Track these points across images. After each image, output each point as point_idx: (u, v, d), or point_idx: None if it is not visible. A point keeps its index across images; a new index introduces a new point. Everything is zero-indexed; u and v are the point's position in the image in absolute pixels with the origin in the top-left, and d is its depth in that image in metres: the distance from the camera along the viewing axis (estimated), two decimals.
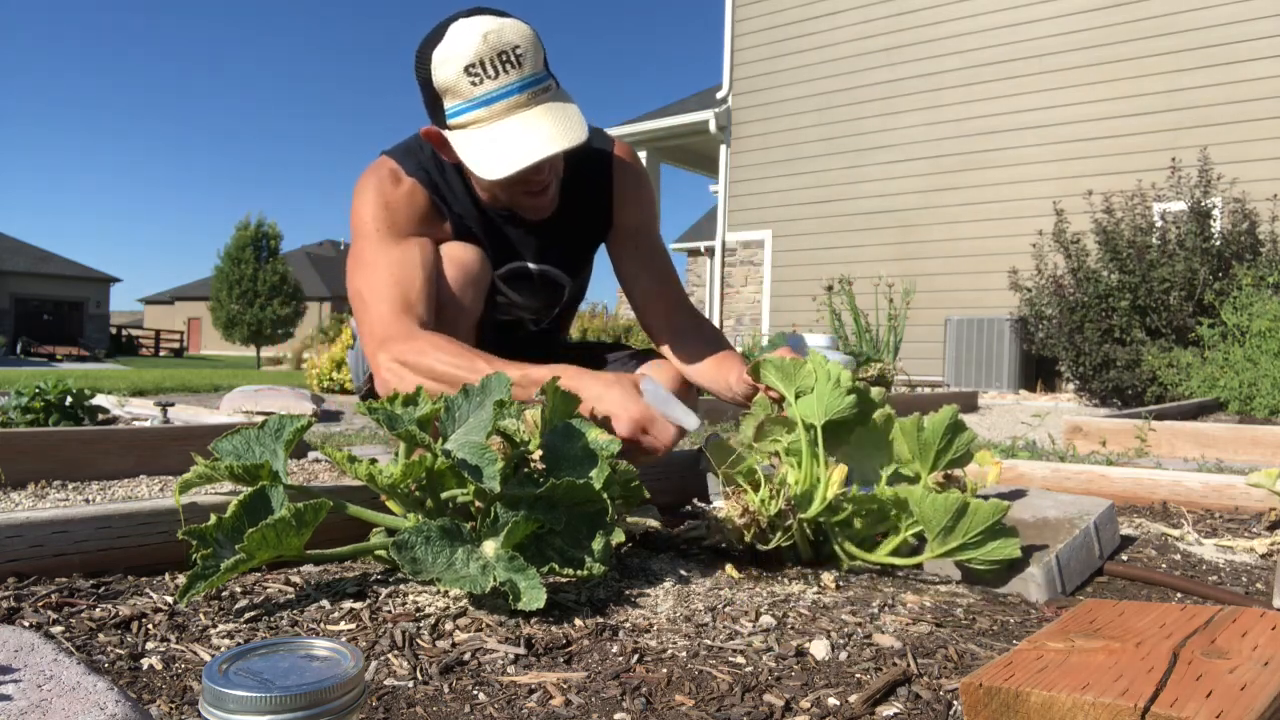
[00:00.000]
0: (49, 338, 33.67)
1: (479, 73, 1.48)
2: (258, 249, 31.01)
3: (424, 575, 0.98)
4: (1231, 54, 8.01)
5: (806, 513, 1.25)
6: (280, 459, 1.16)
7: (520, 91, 1.49)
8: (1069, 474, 2.01)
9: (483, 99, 1.49)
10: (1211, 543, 1.56)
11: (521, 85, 1.49)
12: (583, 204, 1.79)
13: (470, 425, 1.17)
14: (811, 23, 10.49)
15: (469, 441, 1.12)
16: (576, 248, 1.83)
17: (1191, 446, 3.16)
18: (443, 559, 1.00)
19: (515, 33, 1.49)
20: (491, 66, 1.47)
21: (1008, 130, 9.14)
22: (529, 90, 1.49)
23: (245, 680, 0.49)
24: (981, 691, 0.69)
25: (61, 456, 2.03)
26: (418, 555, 0.99)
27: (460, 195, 1.70)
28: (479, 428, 1.15)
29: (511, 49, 1.48)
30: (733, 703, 0.79)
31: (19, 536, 1.05)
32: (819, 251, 10.32)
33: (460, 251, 1.67)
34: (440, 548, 1.01)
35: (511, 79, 1.48)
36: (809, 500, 1.25)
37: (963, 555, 1.18)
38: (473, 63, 1.47)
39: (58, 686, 0.64)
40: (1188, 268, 6.63)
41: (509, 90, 1.48)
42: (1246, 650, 0.74)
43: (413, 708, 0.76)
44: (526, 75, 1.49)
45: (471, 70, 1.47)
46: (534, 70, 1.50)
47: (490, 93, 1.48)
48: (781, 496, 1.24)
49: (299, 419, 1.20)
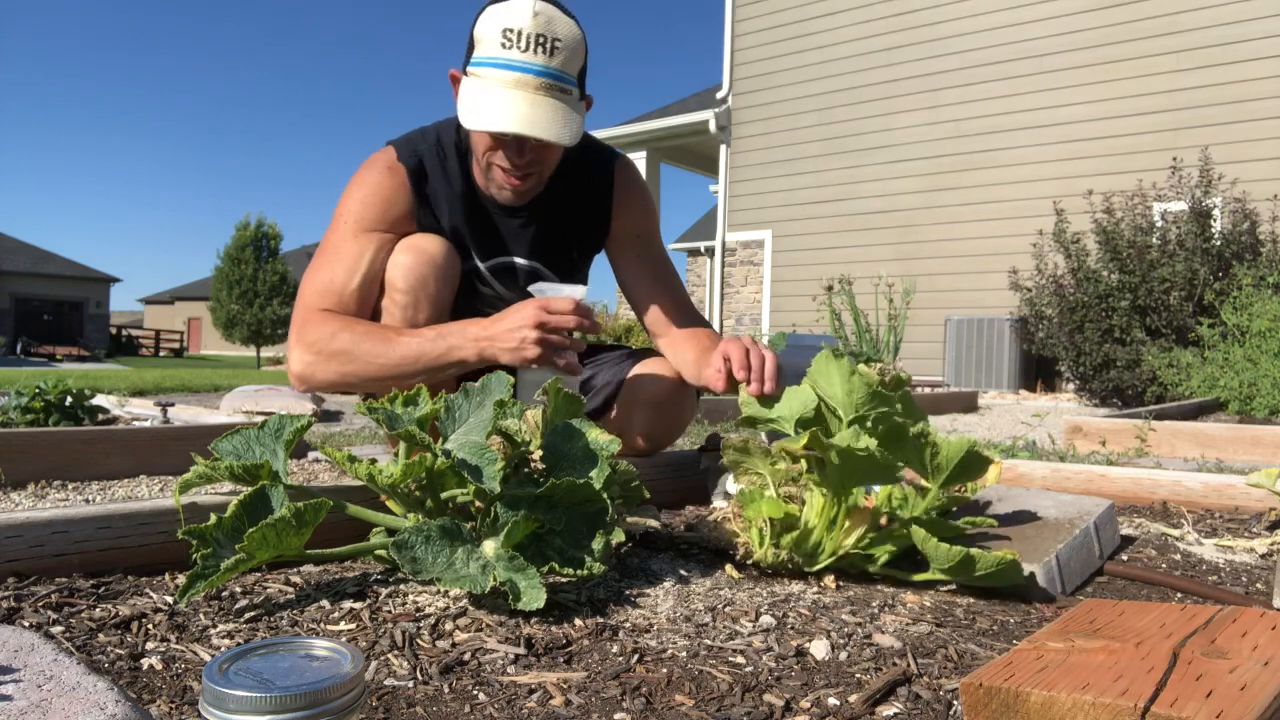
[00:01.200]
0: (49, 338, 33.65)
1: (512, 39, 1.53)
2: (258, 249, 30.99)
3: (424, 575, 0.98)
4: (1231, 54, 8.01)
5: (813, 566, 1.22)
6: (280, 458, 1.16)
7: (536, 75, 1.53)
8: (1069, 474, 2.01)
9: (501, 62, 1.54)
10: (1211, 543, 1.56)
11: (540, 71, 1.54)
12: (580, 206, 1.81)
13: (470, 425, 1.17)
14: (811, 23, 10.48)
15: (469, 442, 1.12)
16: (569, 249, 1.84)
17: (1191, 446, 3.16)
18: (443, 559, 1.00)
19: (564, 28, 1.55)
20: (526, 41, 1.53)
21: (1007, 130, 9.13)
22: (544, 79, 1.54)
23: (245, 680, 0.49)
24: (981, 691, 0.69)
25: (61, 456, 2.03)
26: (418, 555, 0.99)
27: (457, 180, 1.74)
28: (479, 428, 1.15)
29: (553, 38, 1.53)
30: (733, 703, 0.79)
31: (19, 536, 1.05)
32: (819, 251, 10.31)
33: (425, 242, 1.70)
34: (440, 547, 1.01)
35: (537, 60, 1.53)
36: (817, 551, 1.22)
37: (966, 583, 1.18)
38: (513, 28, 1.53)
39: (58, 686, 0.64)
40: (1188, 268, 6.63)
41: (527, 68, 1.53)
42: (1246, 650, 0.74)
43: (413, 708, 0.76)
44: (551, 67, 1.54)
45: (508, 34, 1.53)
46: (562, 68, 1.55)
47: (511, 61, 1.54)
48: (785, 547, 1.22)
49: (299, 419, 1.20)
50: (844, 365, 1.22)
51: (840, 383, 1.23)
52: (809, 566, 1.22)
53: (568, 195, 1.78)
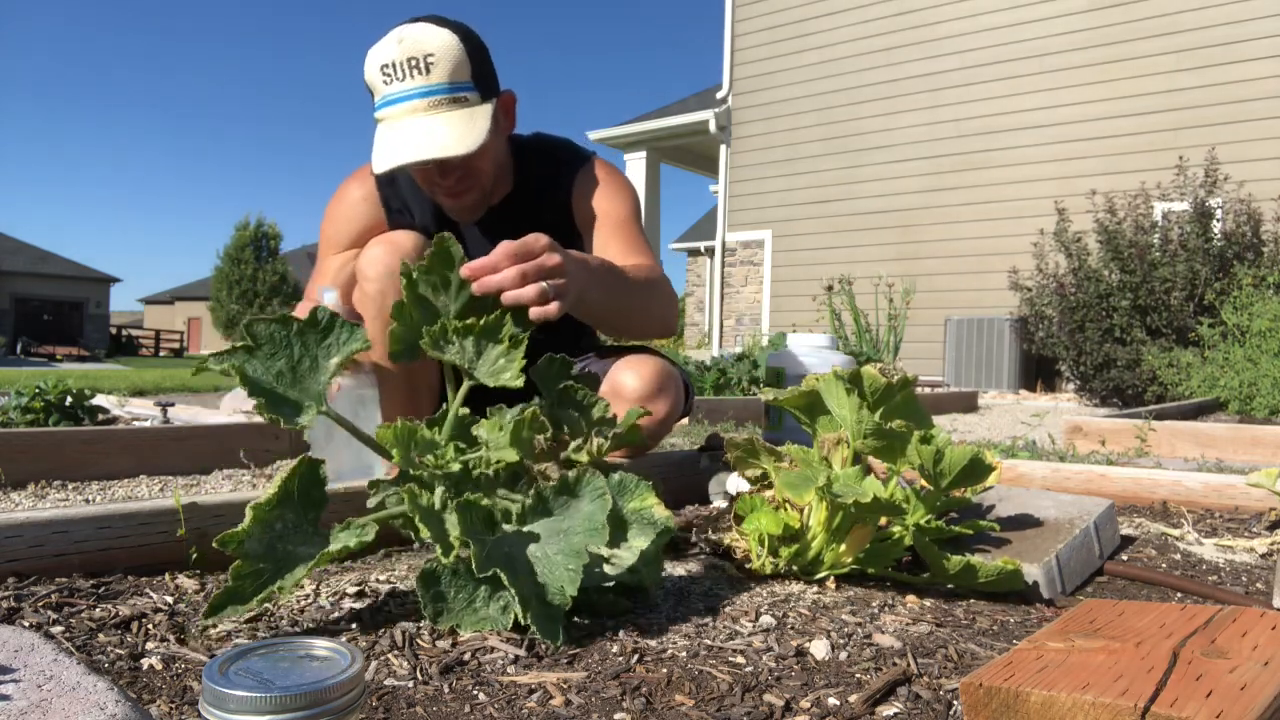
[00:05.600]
0: (49, 338, 33.63)
1: (390, 74, 1.57)
2: (258, 249, 31.01)
3: (445, 620, 0.93)
4: (1231, 54, 8.01)
5: (812, 576, 1.22)
6: (321, 389, 1.01)
7: (420, 98, 1.56)
8: (1069, 474, 2.01)
9: (389, 99, 1.58)
10: (1211, 542, 1.56)
11: (423, 92, 1.56)
12: (544, 206, 1.82)
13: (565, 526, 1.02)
14: (811, 23, 10.49)
15: (567, 546, 0.99)
16: None
17: (1191, 446, 3.16)
18: (463, 596, 0.95)
19: (436, 41, 1.56)
20: (400, 69, 1.56)
21: (1007, 130, 9.14)
22: (430, 98, 1.56)
23: (245, 680, 0.49)
24: (981, 691, 0.69)
25: (61, 456, 2.03)
26: (444, 592, 0.94)
27: (424, 194, 1.79)
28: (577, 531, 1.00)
29: (424, 56, 1.55)
30: (733, 703, 0.79)
31: (19, 536, 1.05)
32: (819, 251, 10.32)
33: (397, 235, 1.73)
34: (465, 582, 0.95)
35: (416, 84, 1.56)
36: (817, 563, 1.21)
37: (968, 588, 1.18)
38: (386, 63, 1.57)
39: (58, 686, 0.64)
40: (1189, 268, 6.63)
41: (409, 95, 1.56)
42: (1246, 650, 0.74)
43: (413, 708, 0.76)
44: (432, 83, 1.56)
45: (385, 70, 1.57)
46: (443, 80, 1.56)
47: (391, 96, 1.58)
48: (784, 558, 1.21)
49: (355, 330, 1.06)
50: (854, 400, 1.21)
51: (850, 411, 1.21)
52: (808, 576, 1.22)
53: (532, 198, 1.80)
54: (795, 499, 1.13)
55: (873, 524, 1.19)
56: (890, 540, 1.20)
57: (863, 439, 1.20)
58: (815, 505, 1.20)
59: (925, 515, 1.19)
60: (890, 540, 1.20)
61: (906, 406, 1.24)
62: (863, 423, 1.20)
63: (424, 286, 1.16)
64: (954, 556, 1.11)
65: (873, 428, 1.19)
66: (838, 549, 1.19)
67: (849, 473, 1.14)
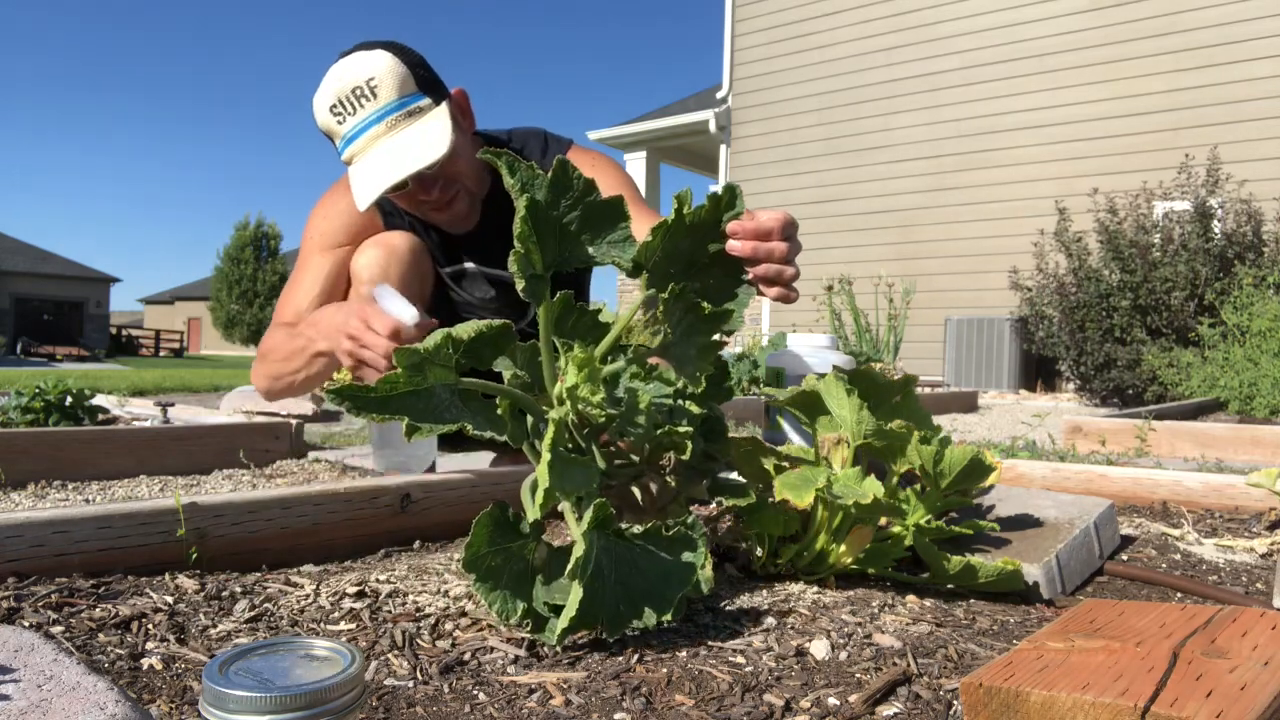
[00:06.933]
0: (49, 338, 33.65)
1: (341, 111, 1.57)
2: (257, 249, 31.01)
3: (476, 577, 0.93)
4: (1232, 54, 8.01)
5: (812, 576, 1.21)
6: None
7: (378, 122, 1.56)
8: (1069, 474, 2.01)
9: (348, 137, 1.58)
10: (1211, 542, 1.56)
11: (378, 116, 1.56)
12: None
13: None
14: (811, 23, 10.49)
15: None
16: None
17: (1191, 446, 3.16)
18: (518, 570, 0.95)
19: (367, 66, 1.56)
20: (349, 104, 1.56)
21: (1007, 130, 9.14)
22: (386, 119, 1.56)
23: (245, 680, 0.49)
24: (981, 691, 0.69)
25: (61, 456, 2.03)
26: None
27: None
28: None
29: (365, 82, 1.55)
30: (733, 703, 0.79)
31: (19, 536, 1.05)
32: (819, 251, 10.31)
33: (391, 237, 1.75)
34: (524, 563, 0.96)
35: (368, 111, 1.56)
36: (817, 565, 1.21)
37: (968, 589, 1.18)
38: (334, 103, 1.57)
39: (58, 686, 0.64)
40: (1190, 268, 6.62)
41: (365, 124, 1.56)
42: (1246, 650, 0.74)
43: (413, 708, 0.76)
44: (383, 105, 1.56)
45: (335, 110, 1.58)
46: (391, 98, 1.56)
47: (351, 130, 1.57)
48: (785, 558, 1.21)
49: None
50: (854, 400, 1.20)
51: (850, 411, 1.21)
52: (808, 576, 1.22)
53: (506, 200, 1.81)
54: (795, 500, 1.11)
55: (873, 524, 1.19)
56: (890, 540, 1.20)
57: (863, 439, 1.20)
58: (816, 510, 1.20)
59: (925, 515, 1.19)
60: (890, 540, 1.20)
61: (907, 407, 1.25)
62: (863, 423, 1.20)
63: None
64: (954, 557, 1.11)
65: (873, 428, 1.18)
66: (838, 549, 1.19)
67: (849, 473, 1.14)
